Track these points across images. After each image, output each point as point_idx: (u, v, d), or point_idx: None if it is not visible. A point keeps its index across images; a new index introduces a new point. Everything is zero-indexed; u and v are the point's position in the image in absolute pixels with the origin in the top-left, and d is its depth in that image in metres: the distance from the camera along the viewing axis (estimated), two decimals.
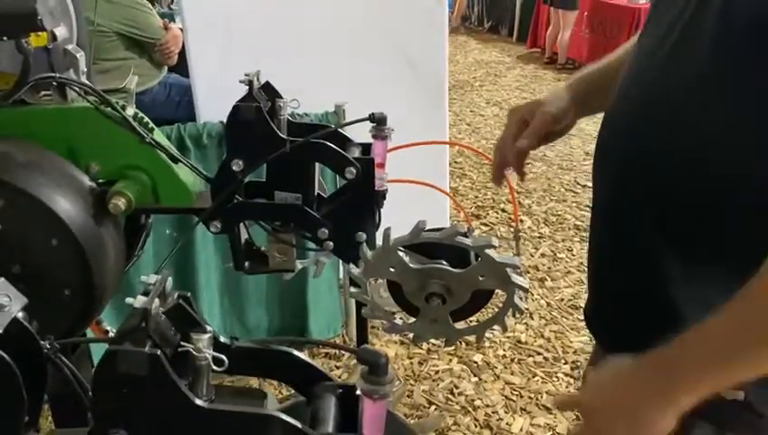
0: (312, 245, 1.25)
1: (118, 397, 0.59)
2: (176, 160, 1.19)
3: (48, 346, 0.67)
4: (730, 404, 0.83)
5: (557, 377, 2.35)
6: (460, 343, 2.56)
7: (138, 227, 1.28)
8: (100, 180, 1.15)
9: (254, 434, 0.62)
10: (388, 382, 0.65)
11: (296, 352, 0.71)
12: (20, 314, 0.66)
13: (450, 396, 2.26)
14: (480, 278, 1.17)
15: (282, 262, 1.29)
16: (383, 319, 1.24)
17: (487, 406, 2.20)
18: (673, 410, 0.75)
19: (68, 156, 1.14)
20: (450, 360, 2.44)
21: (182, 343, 0.61)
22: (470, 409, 2.19)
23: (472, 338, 1.25)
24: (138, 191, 1.15)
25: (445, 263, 1.14)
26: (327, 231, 1.18)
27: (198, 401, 0.60)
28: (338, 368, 2.32)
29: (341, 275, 2.30)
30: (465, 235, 1.06)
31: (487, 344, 2.55)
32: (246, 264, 1.28)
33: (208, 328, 0.63)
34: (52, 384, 0.71)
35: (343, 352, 2.38)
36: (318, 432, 0.62)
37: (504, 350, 2.53)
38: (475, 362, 2.44)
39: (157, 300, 0.59)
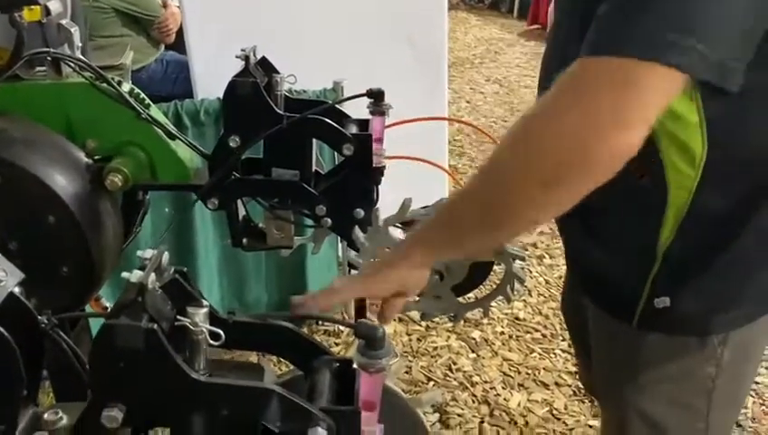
0: (309, 222, 1.25)
1: (115, 371, 0.60)
2: (173, 137, 1.18)
3: (46, 321, 0.67)
4: (662, 311, 0.95)
5: (554, 353, 2.36)
6: (457, 323, 2.56)
7: (135, 203, 1.28)
8: (97, 157, 1.14)
9: (251, 408, 0.62)
10: (384, 356, 0.65)
11: (295, 327, 0.71)
12: (16, 290, 0.66)
13: (448, 372, 2.27)
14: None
15: (279, 239, 1.29)
16: None
17: (485, 382, 2.22)
18: (408, 262, 0.88)
19: (64, 132, 1.13)
20: (448, 337, 2.45)
21: (178, 317, 0.61)
22: (468, 385, 2.21)
23: (478, 312, 1.26)
24: (135, 168, 1.14)
25: None
26: (324, 208, 1.17)
27: (194, 375, 0.60)
28: (337, 345, 2.33)
29: (340, 253, 2.30)
30: None
31: (486, 321, 2.56)
32: (244, 240, 1.29)
33: (204, 302, 0.63)
34: (53, 360, 0.72)
35: (342, 328, 2.39)
36: (314, 405, 0.63)
37: (503, 326, 2.54)
38: (474, 339, 2.45)
39: (153, 274, 0.59)
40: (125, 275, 0.59)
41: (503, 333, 2.51)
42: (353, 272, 1.15)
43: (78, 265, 1.10)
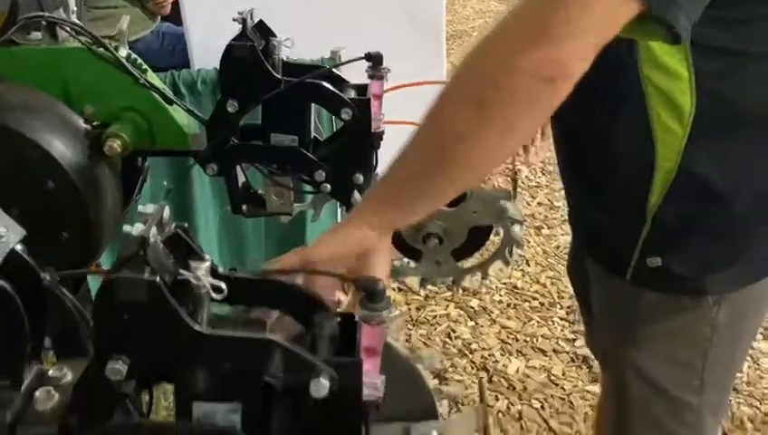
0: (309, 188, 1.25)
1: (117, 325, 0.60)
2: (170, 102, 1.18)
3: (48, 278, 0.67)
4: (655, 270, 0.97)
5: (552, 321, 2.38)
6: (457, 289, 2.58)
7: (134, 171, 1.28)
8: (95, 123, 1.14)
9: (253, 360, 0.63)
10: (385, 308, 0.66)
11: (296, 283, 0.72)
12: (18, 247, 0.66)
13: (447, 340, 2.30)
14: (474, 214, 1.18)
15: (279, 205, 1.30)
16: None
17: (483, 349, 2.24)
18: (361, 224, 0.80)
19: (62, 98, 1.13)
20: (447, 305, 2.47)
21: (180, 271, 0.61)
22: (467, 352, 2.23)
23: (477, 279, 1.27)
24: (133, 133, 1.14)
25: None
26: (324, 173, 1.18)
27: (197, 327, 0.61)
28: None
29: (340, 220, 2.31)
30: None
31: (484, 290, 2.58)
32: (244, 207, 1.29)
33: (206, 257, 0.64)
34: (56, 318, 0.72)
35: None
36: (315, 356, 0.64)
37: (501, 295, 2.56)
38: (472, 308, 2.47)
39: (154, 228, 0.60)
40: (126, 228, 0.59)
41: (501, 301, 2.53)
42: None
43: (77, 231, 1.11)
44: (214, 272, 0.67)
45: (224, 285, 0.63)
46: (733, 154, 0.88)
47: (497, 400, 2.00)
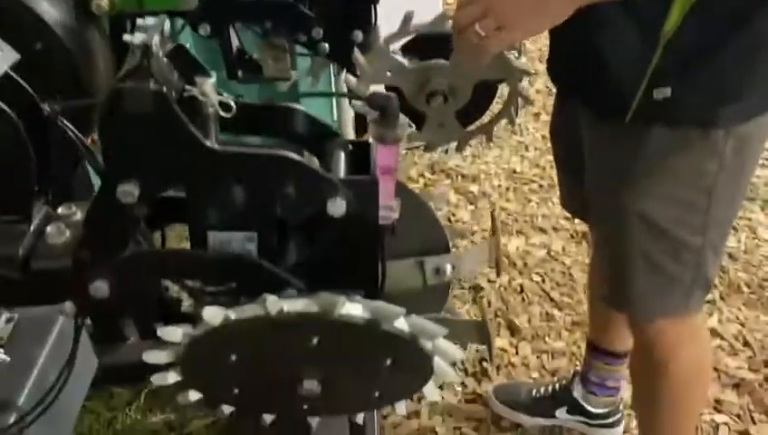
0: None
1: (125, 142, 0.58)
2: None
3: (48, 109, 0.65)
4: (662, 103, 0.94)
5: (552, 202, 2.38)
6: (456, 175, 2.58)
7: (122, 36, 1.22)
8: None
9: (268, 178, 0.61)
10: (399, 126, 0.64)
11: (305, 109, 0.70)
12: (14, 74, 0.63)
13: (447, 223, 2.31)
14: (479, 67, 1.15)
15: (276, 70, 1.25)
16: None
17: (483, 230, 2.25)
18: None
19: None
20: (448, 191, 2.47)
21: (186, 86, 0.59)
22: (467, 234, 2.25)
23: (482, 139, 1.25)
24: None
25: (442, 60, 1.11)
26: (321, 30, 1.13)
27: (209, 143, 0.59)
28: None
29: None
30: None
31: (483, 176, 2.57)
32: (239, 72, 1.25)
33: (212, 73, 0.61)
34: (61, 155, 0.70)
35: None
36: (330, 174, 0.62)
37: (500, 180, 2.55)
38: (472, 192, 2.47)
39: (157, 37, 0.56)
40: (127, 37, 0.56)
41: (500, 185, 2.52)
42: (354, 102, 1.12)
43: (70, 94, 1.07)
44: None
45: (232, 103, 0.60)
46: None
47: (498, 275, 2.02)
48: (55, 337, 1.12)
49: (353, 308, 0.62)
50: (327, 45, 1.16)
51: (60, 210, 0.70)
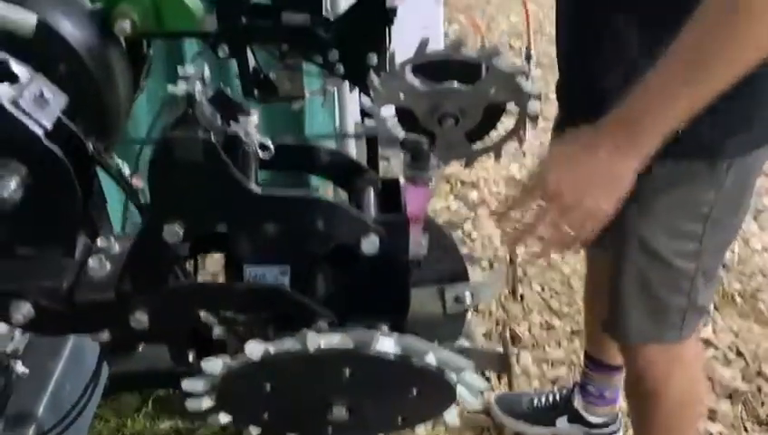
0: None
1: (173, 186, 0.61)
2: None
3: (92, 147, 0.67)
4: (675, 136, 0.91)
5: None
6: (455, 182, 2.61)
7: (139, 57, 1.24)
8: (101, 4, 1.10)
9: (304, 219, 0.64)
10: (430, 169, 0.67)
11: (337, 149, 0.73)
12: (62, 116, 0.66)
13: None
14: (491, 91, 1.18)
15: (291, 89, 1.28)
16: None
17: (484, 236, 2.29)
18: (639, 161, 0.80)
19: None
20: (447, 198, 2.50)
21: (230, 124, 0.61)
22: (468, 241, 2.28)
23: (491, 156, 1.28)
24: (141, 14, 1.10)
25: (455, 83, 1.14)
26: (337, 53, 1.16)
27: (252, 186, 0.62)
28: None
29: (337, 114, 2.28)
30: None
31: (482, 184, 2.61)
32: (255, 92, 1.27)
33: (253, 111, 0.64)
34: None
35: None
36: (364, 214, 0.65)
37: (498, 187, 2.59)
38: (472, 200, 2.50)
39: (199, 85, 0.59)
40: (171, 88, 0.58)
41: (499, 193, 2.56)
42: (367, 121, 1.14)
43: (91, 117, 1.09)
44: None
45: (270, 143, 0.63)
46: None
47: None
48: (70, 349, 1.14)
49: (386, 344, 0.65)
50: (342, 67, 1.18)
51: (98, 243, 0.72)
